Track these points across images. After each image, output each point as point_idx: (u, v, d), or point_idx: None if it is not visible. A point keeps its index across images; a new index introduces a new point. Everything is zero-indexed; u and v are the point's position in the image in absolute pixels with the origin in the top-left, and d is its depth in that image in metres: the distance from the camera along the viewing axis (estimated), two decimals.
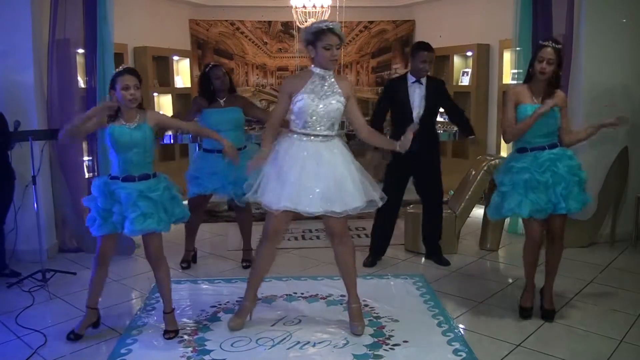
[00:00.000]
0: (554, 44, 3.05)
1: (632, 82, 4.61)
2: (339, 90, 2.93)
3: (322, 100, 2.88)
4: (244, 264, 4.24)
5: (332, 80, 2.94)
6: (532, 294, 3.31)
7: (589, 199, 3.21)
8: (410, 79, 4.07)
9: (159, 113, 3.02)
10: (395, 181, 4.19)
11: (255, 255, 3.16)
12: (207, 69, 4.07)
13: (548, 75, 3.06)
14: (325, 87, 2.91)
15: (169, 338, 3.03)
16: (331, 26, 2.84)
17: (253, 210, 4.32)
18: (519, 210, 3.08)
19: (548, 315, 3.24)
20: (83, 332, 3.07)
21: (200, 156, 4.13)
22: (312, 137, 2.91)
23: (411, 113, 4.03)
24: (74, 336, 3.03)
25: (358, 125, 3.03)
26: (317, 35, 2.84)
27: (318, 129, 2.90)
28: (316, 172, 2.84)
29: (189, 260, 4.32)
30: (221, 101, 4.02)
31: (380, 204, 2.99)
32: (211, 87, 4.00)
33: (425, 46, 4.03)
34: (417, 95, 4.05)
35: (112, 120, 2.90)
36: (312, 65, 2.95)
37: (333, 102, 2.90)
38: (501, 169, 3.28)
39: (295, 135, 2.93)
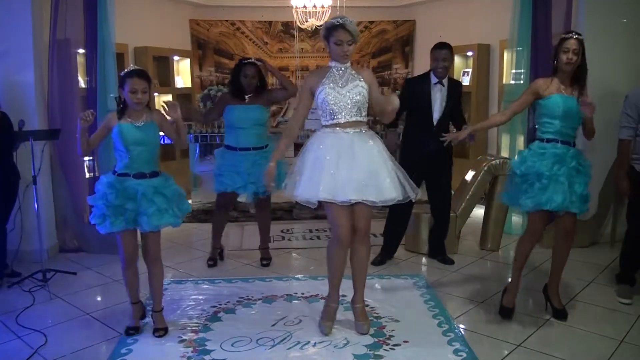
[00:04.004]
0: (576, 35, 3.08)
1: (633, 83, 4.60)
2: (359, 77, 2.96)
3: (343, 87, 2.92)
4: (264, 262, 4.26)
5: (350, 70, 2.98)
6: (514, 295, 3.28)
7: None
8: (433, 79, 4.05)
9: (164, 117, 3.07)
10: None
11: (327, 261, 3.10)
12: (241, 62, 4.06)
13: (575, 66, 3.07)
14: (345, 76, 2.95)
15: (159, 336, 3.04)
16: (342, 22, 2.86)
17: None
18: (557, 199, 2.99)
19: (561, 314, 3.24)
20: (139, 323, 3.13)
21: (222, 153, 4.10)
22: (342, 129, 2.92)
23: (432, 117, 4.04)
24: (133, 330, 3.08)
25: (381, 108, 2.99)
26: (330, 31, 2.90)
27: (346, 116, 2.92)
28: (351, 163, 2.86)
29: (215, 258, 4.34)
30: (246, 98, 4.02)
31: (414, 198, 3.00)
32: (238, 82, 4.01)
33: (441, 44, 4.02)
34: (438, 98, 4.04)
35: (120, 117, 2.93)
36: (330, 60, 3.01)
37: (354, 87, 2.92)
38: (533, 154, 3.10)
39: (328, 129, 2.96)
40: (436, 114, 4.05)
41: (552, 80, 3.16)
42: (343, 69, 2.97)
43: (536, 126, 3.25)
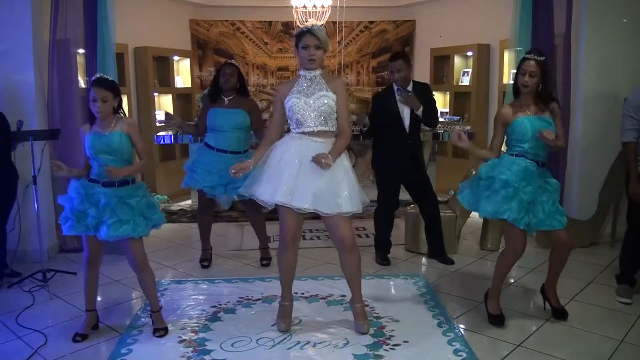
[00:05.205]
0: (535, 56, 2.99)
1: (632, 83, 4.59)
2: (326, 86, 2.97)
3: (310, 97, 2.93)
4: (264, 262, 4.28)
5: (319, 79, 2.98)
6: (498, 300, 3.23)
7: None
8: (396, 89, 4.10)
9: (134, 126, 3.02)
10: (388, 186, 4.25)
11: (277, 263, 3.15)
12: (221, 65, 4.09)
13: (531, 89, 3.01)
14: (312, 85, 2.96)
15: (160, 336, 3.03)
16: (309, 27, 2.90)
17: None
18: (519, 222, 2.96)
19: (561, 314, 3.23)
20: (88, 331, 3.08)
21: (200, 150, 4.11)
22: (309, 136, 2.94)
23: (403, 125, 4.09)
24: (80, 337, 3.03)
25: (339, 126, 3.01)
26: (298, 37, 2.93)
27: (312, 126, 2.94)
28: (311, 172, 2.87)
29: (209, 258, 4.34)
30: (225, 100, 4.01)
31: (359, 211, 2.95)
32: (217, 83, 4.02)
33: (395, 55, 4.15)
34: (404, 106, 4.07)
35: (91, 127, 2.94)
36: (300, 69, 3.03)
37: (320, 97, 2.93)
38: (503, 163, 3.05)
39: (295, 134, 2.99)
40: (406, 121, 4.10)
41: (515, 104, 3.10)
42: (311, 77, 2.96)
43: (506, 146, 3.18)
